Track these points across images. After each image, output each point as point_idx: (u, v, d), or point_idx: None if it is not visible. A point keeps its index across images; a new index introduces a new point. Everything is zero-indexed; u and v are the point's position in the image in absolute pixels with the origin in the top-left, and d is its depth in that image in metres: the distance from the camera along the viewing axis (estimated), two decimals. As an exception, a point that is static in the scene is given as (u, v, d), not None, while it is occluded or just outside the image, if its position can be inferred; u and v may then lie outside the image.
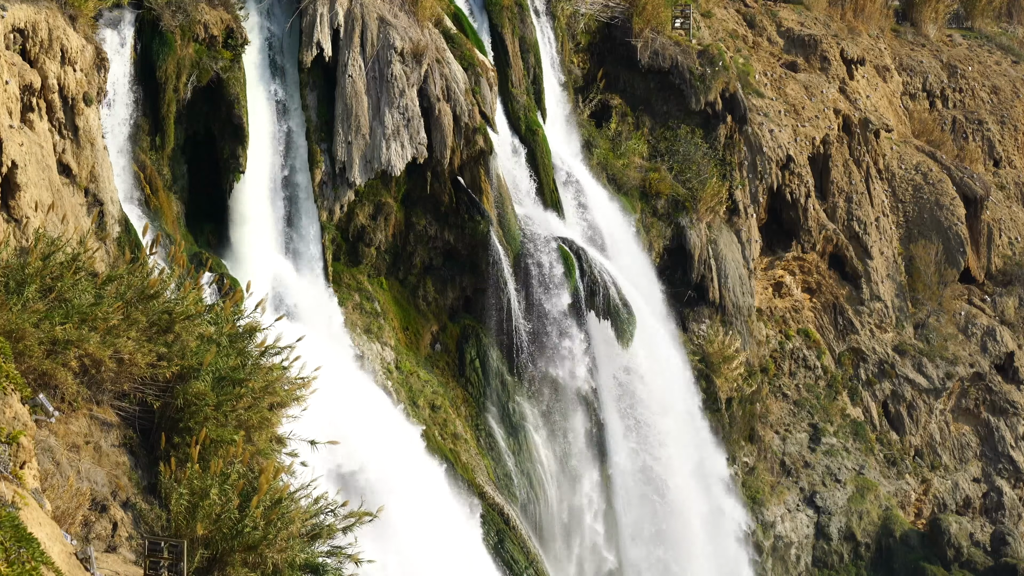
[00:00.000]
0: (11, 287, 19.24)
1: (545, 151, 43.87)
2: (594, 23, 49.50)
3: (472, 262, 40.64)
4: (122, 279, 20.83)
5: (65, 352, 19.14)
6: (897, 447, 54.49)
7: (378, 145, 38.13)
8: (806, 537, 50.83)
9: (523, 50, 44.64)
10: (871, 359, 55.12)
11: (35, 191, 26.85)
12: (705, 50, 49.99)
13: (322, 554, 19.60)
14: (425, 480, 34.95)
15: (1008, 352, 57.65)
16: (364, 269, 39.73)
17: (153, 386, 20.57)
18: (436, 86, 39.01)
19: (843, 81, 57.97)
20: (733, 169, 50.35)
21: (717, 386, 47.71)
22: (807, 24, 59.44)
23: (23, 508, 14.95)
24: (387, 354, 38.85)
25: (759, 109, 52.44)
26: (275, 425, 21.55)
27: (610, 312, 42.24)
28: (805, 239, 53.77)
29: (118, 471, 19.74)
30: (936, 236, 57.87)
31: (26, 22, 28.42)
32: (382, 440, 33.79)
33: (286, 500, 18.94)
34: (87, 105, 30.11)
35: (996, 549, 53.37)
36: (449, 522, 35.12)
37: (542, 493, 40.87)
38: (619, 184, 47.45)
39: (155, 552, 17.44)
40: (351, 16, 38.13)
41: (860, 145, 56.49)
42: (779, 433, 51.98)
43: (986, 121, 64.24)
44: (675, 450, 44.53)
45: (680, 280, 48.17)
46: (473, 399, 40.61)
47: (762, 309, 52.98)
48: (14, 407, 16.63)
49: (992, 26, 70.85)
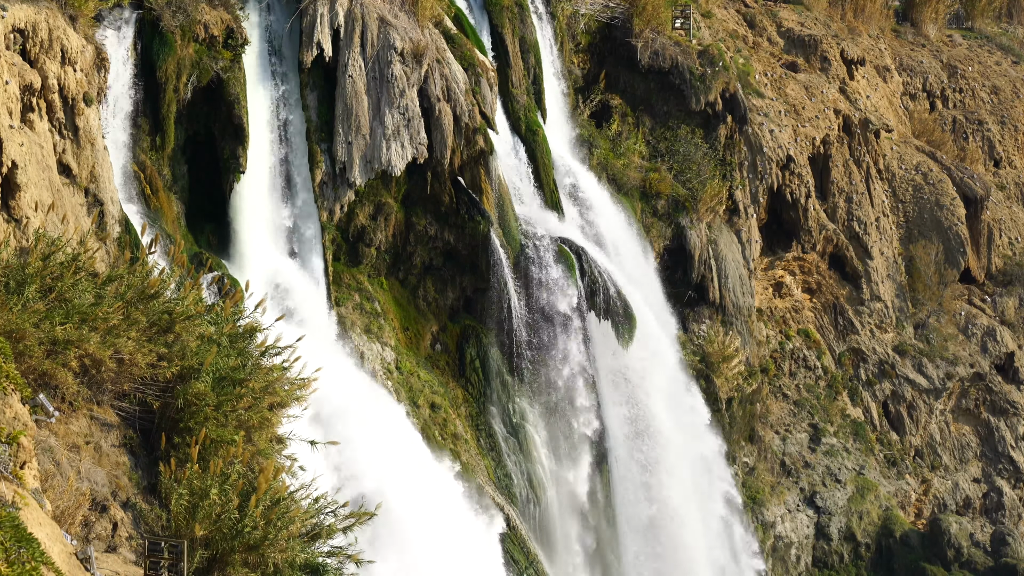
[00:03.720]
0: (11, 287, 19.23)
1: (545, 151, 43.86)
2: (594, 23, 49.49)
3: (472, 262, 40.63)
4: (122, 279, 20.83)
5: (65, 352, 19.14)
6: (897, 447, 54.48)
7: (378, 145, 38.12)
8: (806, 537, 50.81)
9: (523, 50, 44.63)
10: (871, 359, 55.11)
11: (35, 191, 26.84)
12: (705, 50, 49.98)
13: (322, 554, 19.59)
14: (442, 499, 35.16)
15: (1008, 352, 57.64)
16: (364, 269, 39.72)
17: (153, 386, 20.57)
18: (436, 86, 39.00)
19: (843, 81, 57.95)
20: (733, 169, 50.34)
21: (717, 386, 47.69)
22: (807, 24, 59.42)
23: (23, 508, 14.95)
24: (387, 354, 38.84)
25: (759, 109, 52.43)
26: (275, 425, 21.55)
27: (610, 312, 42.24)
28: (805, 239, 53.77)
29: (118, 471, 19.74)
30: (936, 236, 57.86)
31: (26, 22, 28.41)
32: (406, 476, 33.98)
33: (286, 500, 18.94)
34: (87, 105, 30.10)
35: (996, 549, 53.36)
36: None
37: (542, 493, 40.87)
38: (619, 184, 47.44)
39: (155, 552, 17.44)
40: (351, 16, 38.12)
41: (860, 145, 56.48)
42: (779, 433, 51.97)
43: (986, 121, 64.23)
44: (675, 450, 44.54)
45: (680, 280, 48.16)
46: (473, 399, 40.60)
47: (762, 309, 52.97)
48: (14, 407, 16.62)
49: (992, 26, 70.84)
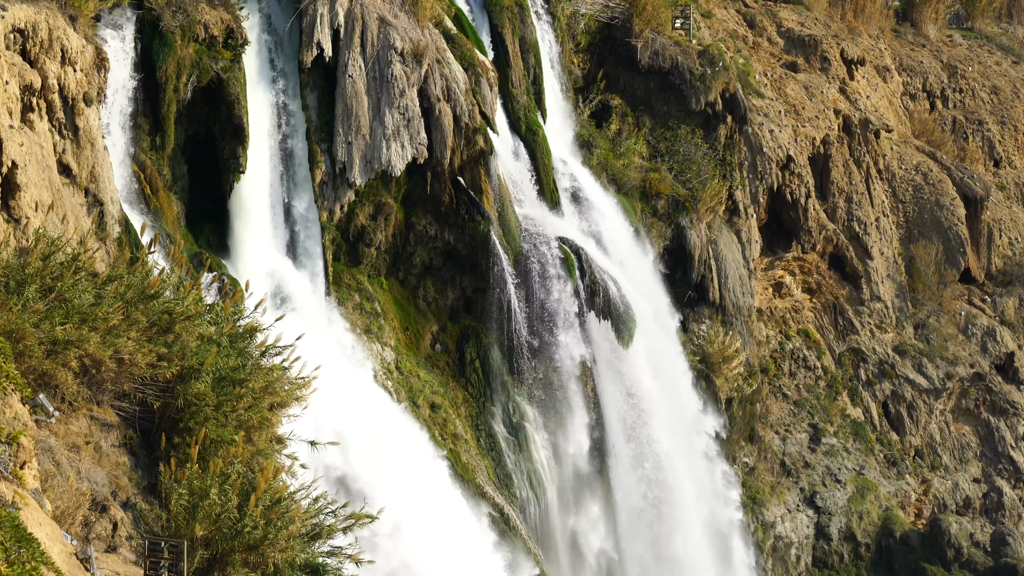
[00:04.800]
0: (11, 287, 19.23)
1: (545, 151, 43.85)
2: (594, 23, 49.48)
3: (472, 262, 40.62)
4: (122, 279, 20.83)
5: (65, 352, 19.13)
6: (897, 447, 54.47)
7: (378, 145, 38.11)
8: (806, 537, 50.81)
9: (523, 50, 44.62)
10: (871, 359, 55.10)
11: (35, 191, 26.84)
12: (705, 50, 49.97)
13: (322, 554, 19.59)
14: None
15: (1008, 352, 57.64)
16: (364, 269, 39.72)
17: (153, 386, 20.56)
18: (436, 86, 39.00)
19: (843, 81, 57.95)
20: (733, 169, 50.33)
21: (717, 386, 47.69)
22: (807, 24, 59.42)
23: (23, 508, 14.95)
24: (387, 354, 38.84)
25: (759, 109, 52.42)
26: (275, 425, 21.55)
27: (610, 312, 42.24)
28: (805, 239, 53.76)
29: (118, 471, 19.74)
30: (936, 236, 57.85)
31: (26, 22, 28.41)
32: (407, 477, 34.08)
33: (286, 500, 18.94)
34: (87, 105, 30.10)
35: (996, 549, 53.35)
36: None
37: (542, 493, 40.87)
38: (619, 184, 47.42)
39: (155, 552, 17.44)
40: (351, 16, 38.12)
41: (860, 145, 56.48)
42: (779, 433, 51.97)
43: (986, 121, 64.23)
44: (675, 449, 44.54)
45: (680, 280, 48.15)
46: (473, 399, 40.60)
47: (762, 309, 52.96)
48: (14, 407, 16.62)
49: (992, 26, 70.84)
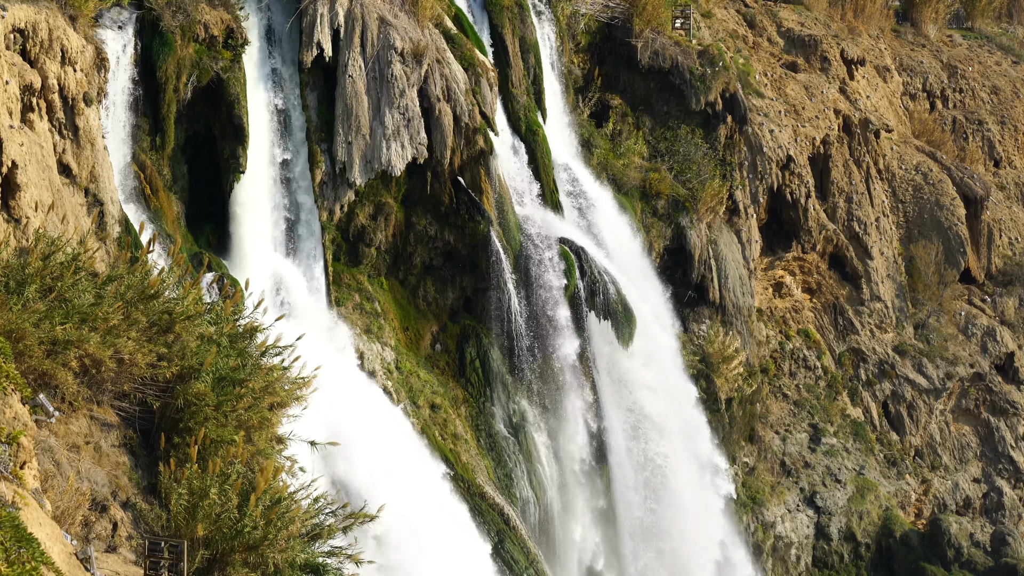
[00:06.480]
0: (11, 287, 19.22)
1: (545, 151, 43.85)
2: (594, 23, 49.47)
3: (472, 262, 40.62)
4: (122, 279, 20.82)
5: (65, 352, 19.12)
6: (897, 447, 54.47)
7: (378, 145, 38.11)
8: (806, 537, 50.80)
9: (523, 50, 44.61)
10: (871, 359, 55.10)
11: (35, 191, 26.84)
12: (705, 50, 49.96)
13: (322, 554, 19.58)
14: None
15: (1008, 352, 57.64)
16: (364, 269, 39.71)
17: (153, 386, 20.55)
18: (436, 86, 39.00)
19: (843, 81, 57.95)
20: (733, 169, 50.33)
21: (717, 386, 47.68)
22: (807, 24, 59.42)
23: (23, 508, 14.94)
24: (387, 354, 38.83)
25: (759, 109, 52.42)
26: (275, 425, 21.54)
27: (610, 312, 42.24)
28: (805, 239, 53.76)
29: (118, 471, 19.73)
30: (936, 236, 57.86)
31: (26, 22, 28.41)
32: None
33: (286, 500, 18.93)
34: (87, 105, 30.10)
35: (996, 549, 53.36)
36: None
37: (542, 493, 40.86)
38: (619, 184, 47.42)
39: (155, 552, 17.43)
40: (351, 16, 38.12)
41: (860, 145, 56.48)
42: (779, 433, 51.96)
43: (986, 121, 64.23)
44: (676, 449, 44.53)
45: (680, 280, 48.14)
46: (473, 399, 40.59)
47: (762, 309, 52.96)
48: (14, 407, 16.62)
49: (992, 26, 70.85)
